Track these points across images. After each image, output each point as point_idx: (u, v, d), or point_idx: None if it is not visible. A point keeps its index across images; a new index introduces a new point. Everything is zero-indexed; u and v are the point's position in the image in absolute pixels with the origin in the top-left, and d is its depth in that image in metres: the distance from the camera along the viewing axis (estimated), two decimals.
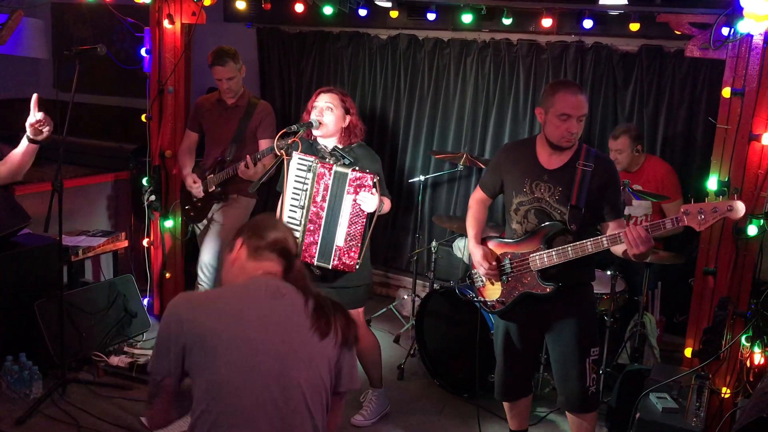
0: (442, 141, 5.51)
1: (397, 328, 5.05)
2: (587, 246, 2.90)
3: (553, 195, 3.01)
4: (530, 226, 3.08)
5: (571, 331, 3.08)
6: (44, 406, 3.74)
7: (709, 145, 3.46)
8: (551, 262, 2.99)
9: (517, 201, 3.10)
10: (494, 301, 3.22)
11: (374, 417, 3.84)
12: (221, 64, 4.21)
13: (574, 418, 3.24)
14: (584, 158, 3.00)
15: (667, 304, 4.46)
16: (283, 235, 2.17)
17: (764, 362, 3.38)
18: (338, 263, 3.33)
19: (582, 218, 2.96)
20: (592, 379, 3.13)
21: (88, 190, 5.34)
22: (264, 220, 2.25)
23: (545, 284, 3.03)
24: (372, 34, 5.63)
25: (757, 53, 3.19)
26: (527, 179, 3.06)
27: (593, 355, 3.13)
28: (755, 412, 2.32)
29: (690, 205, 2.74)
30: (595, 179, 2.97)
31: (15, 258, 4.12)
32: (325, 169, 3.30)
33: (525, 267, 3.07)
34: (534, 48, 5.04)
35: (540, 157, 3.07)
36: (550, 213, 3.02)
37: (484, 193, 3.33)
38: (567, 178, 2.99)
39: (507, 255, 3.15)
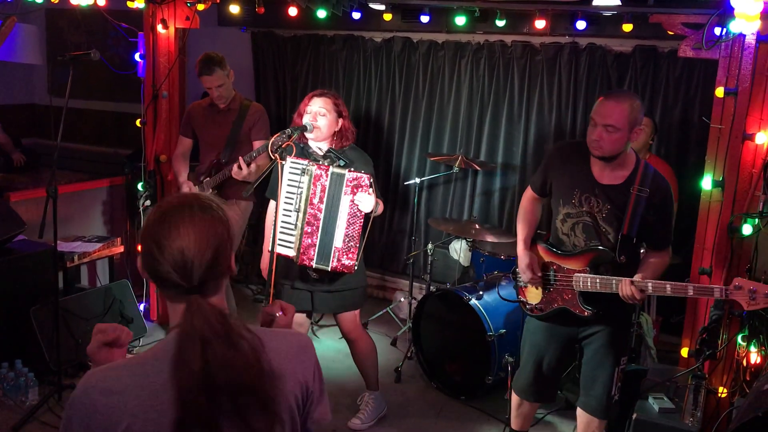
0: (438, 143, 5.51)
1: (393, 331, 5.05)
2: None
3: (600, 212, 2.91)
4: (578, 240, 3.00)
5: (605, 341, 3.04)
6: (40, 413, 3.73)
7: (704, 145, 3.46)
8: (594, 289, 2.91)
9: (565, 212, 3.02)
10: (533, 306, 3.17)
11: (371, 420, 3.83)
12: (208, 73, 4.20)
13: (585, 419, 3.21)
14: (640, 182, 2.86)
15: (663, 304, 4.46)
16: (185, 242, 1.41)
17: (761, 361, 3.38)
18: (337, 264, 3.32)
19: (632, 249, 2.89)
20: (618, 387, 3.11)
21: (83, 195, 5.33)
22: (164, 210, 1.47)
23: (585, 307, 2.96)
24: (366, 37, 5.63)
25: (749, 53, 3.19)
26: (577, 190, 2.96)
27: (622, 364, 3.10)
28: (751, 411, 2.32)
29: (743, 281, 2.63)
30: (650, 207, 2.86)
31: (10, 264, 4.11)
32: (321, 170, 3.30)
33: (568, 283, 3.01)
34: (528, 49, 5.05)
35: (593, 168, 2.95)
36: (598, 231, 2.93)
37: (533, 192, 3.25)
38: (619, 199, 2.88)
39: (553, 265, 3.07)
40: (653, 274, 2.89)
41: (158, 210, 1.48)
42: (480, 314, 3.98)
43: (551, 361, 3.21)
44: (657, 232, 2.95)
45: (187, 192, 1.49)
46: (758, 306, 2.61)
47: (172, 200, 1.50)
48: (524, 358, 3.29)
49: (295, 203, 3.35)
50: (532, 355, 3.23)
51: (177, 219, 1.44)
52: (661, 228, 2.95)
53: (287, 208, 3.38)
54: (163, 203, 1.50)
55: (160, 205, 1.50)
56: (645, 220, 2.88)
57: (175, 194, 1.57)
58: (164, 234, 1.42)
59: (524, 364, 3.29)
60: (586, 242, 2.98)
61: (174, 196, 1.55)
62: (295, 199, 3.35)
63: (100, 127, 6.51)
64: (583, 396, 3.20)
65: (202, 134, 4.41)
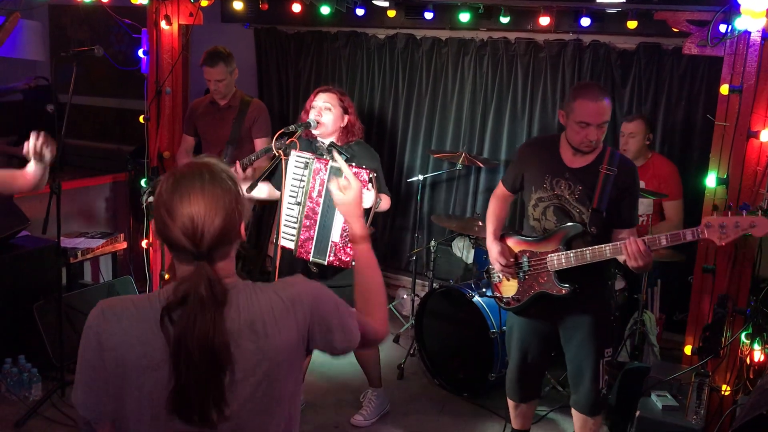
0: (441, 140, 5.51)
1: (396, 328, 5.05)
2: (606, 250, 2.87)
3: (573, 193, 2.99)
4: (549, 224, 3.06)
5: (586, 331, 3.06)
6: (43, 409, 3.74)
7: (708, 142, 3.45)
8: (569, 264, 2.96)
9: (537, 197, 3.09)
10: (509, 298, 3.21)
11: (374, 417, 3.83)
12: (210, 65, 4.20)
13: (580, 418, 3.23)
14: (608, 162, 2.96)
15: (666, 302, 4.45)
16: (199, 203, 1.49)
17: (764, 359, 3.38)
18: (334, 259, 3.31)
19: (603, 222, 2.94)
20: (605, 380, 3.12)
21: (86, 191, 5.34)
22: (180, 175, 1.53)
23: (561, 285, 3.01)
24: (370, 34, 5.62)
25: (755, 50, 3.18)
26: (548, 175, 3.04)
27: (607, 356, 3.11)
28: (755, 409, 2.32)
29: (712, 218, 2.69)
30: (617, 184, 2.95)
31: (14, 260, 4.12)
32: (321, 164, 3.30)
33: (542, 266, 3.05)
34: (532, 46, 5.04)
35: (563, 155, 3.05)
36: (570, 211, 3.00)
37: (505, 189, 3.32)
38: (589, 179, 2.97)
39: (525, 253, 3.13)
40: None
41: (171, 177, 1.53)
42: (483, 311, 3.98)
43: (534, 358, 3.24)
44: (625, 210, 3.01)
45: (200, 160, 1.55)
46: (730, 239, 2.67)
47: (184, 168, 1.55)
48: (511, 355, 3.33)
49: (297, 196, 3.35)
50: (515, 353, 3.28)
51: (188, 187, 1.50)
52: (629, 206, 3.02)
53: (291, 201, 3.38)
54: (176, 170, 1.55)
55: (173, 172, 1.55)
56: (613, 199, 2.95)
57: (188, 162, 1.60)
58: (176, 201, 1.49)
59: (510, 365, 3.34)
60: (556, 225, 3.04)
61: (187, 163, 1.58)
62: (298, 192, 3.35)
63: (103, 124, 6.51)
64: (573, 394, 3.21)
65: (204, 132, 4.42)
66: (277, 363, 1.57)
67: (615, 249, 2.85)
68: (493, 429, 3.85)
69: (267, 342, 1.55)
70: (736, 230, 2.65)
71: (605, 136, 2.98)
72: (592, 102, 2.88)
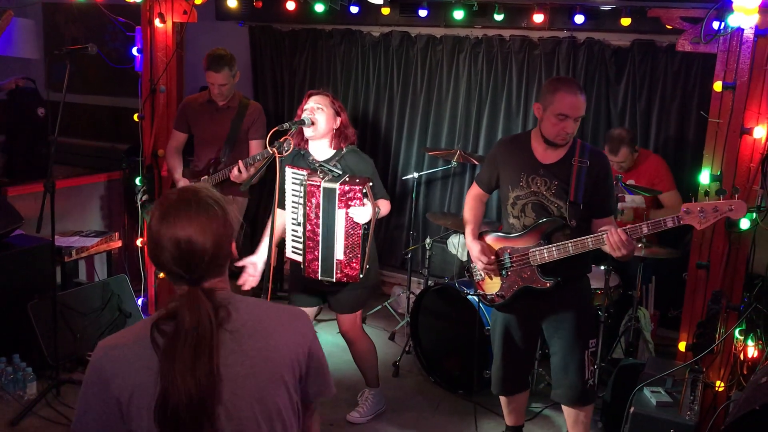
0: (436, 138, 5.51)
1: (392, 325, 5.05)
2: (588, 242, 2.91)
3: (549, 189, 3.02)
4: (528, 221, 3.09)
5: (570, 324, 3.10)
6: (38, 407, 3.73)
7: (702, 139, 3.47)
8: (551, 258, 3.00)
9: (514, 195, 3.12)
10: (493, 295, 3.23)
11: (370, 414, 3.84)
12: (216, 70, 4.16)
13: (571, 412, 3.25)
14: (579, 154, 3.02)
15: (661, 299, 4.47)
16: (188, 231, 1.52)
17: (758, 355, 3.40)
18: (341, 276, 3.35)
19: (581, 214, 2.99)
20: (591, 371, 3.16)
21: (80, 190, 5.33)
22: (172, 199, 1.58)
23: (545, 279, 3.04)
24: (364, 32, 5.62)
25: (747, 47, 3.19)
26: (523, 173, 3.08)
27: (591, 347, 3.15)
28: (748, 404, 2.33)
29: (691, 204, 2.74)
30: (590, 175, 3.00)
31: (8, 259, 4.11)
32: (313, 187, 3.32)
33: (525, 261, 3.08)
34: (526, 44, 5.04)
35: (535, 152, 3.09)
36: (548, 207, 3.04)
37: (480, 188, 3.35)
38: (563, 173, 3.01)
39: (506, 249, 3.16)
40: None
41: (159, 207, 1.57)
42: (478, 308, 3.99)
43: (518, 352, 3.27)
44: (602, 199, 3.05)
45: (186, 186, 1.59)
46: (709, 222, 2.74)
47: (172, 197, 1.58)
48: (495, 355, 3.35)
49: (298, 216, 3.39)
50: (499, 349, 3.30)
51: (176, 215, 1.53)
52: (605, 195, 3.07)
53: (294, 219, 3.43)
54: (164, 200, 1.58)
55: (161, 201, 1.58)
56: (589, 190, 2.99)
57: (174, 190, 1.64)
58: (164, 230, 1.52)
59: (494, 361, 3.36)
60: (535, 221, 3.07)
61: (173, 191, 1.62)
62: (298, 210, 3.38)
63: (97, 122, 6.49)
64: (558, 388, 3.23)
65: (199, 131, 4.38)
66: (274, 370, 1.59)
67: (597, 240, 2.89)
68: (489, 426, 3.86)
69: (268, 343, 1.59)
70: (715, 214, 2.71)
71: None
72: (572, 95, 2.93)
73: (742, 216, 2.75)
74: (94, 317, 4.38)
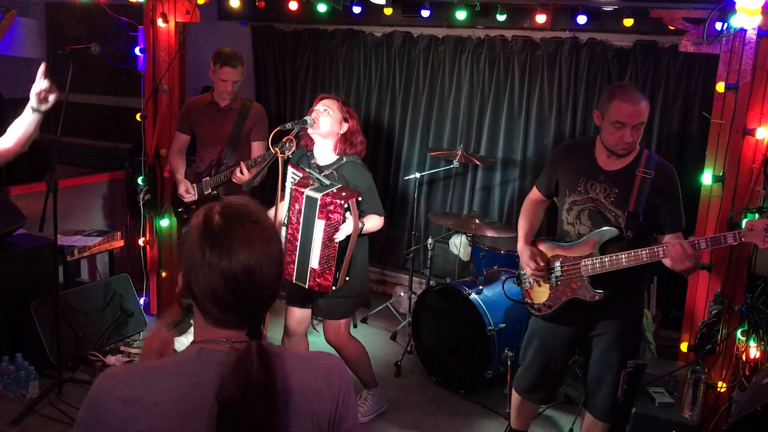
0: (438, 138, 5.51)
1: (393, 325, 5.06)
2: (642, 255, 2.79)
3: (608, 197, 2.92)
4: (583, 228, 2.99)
5: (613, 339, 3.01)
6: (40, 406, 3.74)
7: (704, 140, 3.46)
8: (603, 269, 2.89)
9: (571, 200, 3.02)
10: (541, 304, 3.14)
11: (371, 413, 3.84)
12: (233, 66, 4.13)
13: (591, 421, 3.21)
14: (645, 165, 2.88)
15: (663, 300, 4.48)
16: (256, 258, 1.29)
17: (760, 356, 3.39)
18: (314, 284, 3.36)
19: (639, 226, 2.87)
20: (623, 390, 3.09)
21: (83, 189, 5.34)
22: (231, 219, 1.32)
23: (595, 291, 2.94)
24: (367, 32, 5.63)
25: (750, 48, 3.19)
26: (582, 178, 2.98)
27: (629, 367, 3.07)
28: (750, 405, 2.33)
29: (755, 221, 2.62)
30: (654, 187, 2.87)
31: (10, 258, 4.12)
32: (298, 192, 3.33)
33: (576, 272, 2.98)
34: (529, 44, 5.04)
35: (598, 158, 2.98)
36: (605, 215, 2.93)
37: (539, 193, 3.25)
38: (625, 182, 2.89)
39: (558, 258, 3.06)
40: None
41: (205, 221, 1.32)
42: (480, 309, 3.99)
43: (557, 363, 3.20)
44: (667, 213, 2.90)
45: (236, 201, 1.35)
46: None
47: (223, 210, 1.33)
48: (529, 359, 3.25)
49: (286, 217, 3.41)
50: (538, 357, 3.20)
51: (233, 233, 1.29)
52: (671, 209, 2.90)
53: (283, 220, 3.45)
54: (209, 212, 1.33)
55: (207, 214, 1.33)
56: (652, 203, 2.87)
57: (221, 203, 1.36)
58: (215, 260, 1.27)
59: (529, 365, 3.25)
60: (591, 229, 2.97)
61: (222, 204, 1.36)
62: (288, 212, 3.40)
63: (100, 122, 6.50)
64: (590, 398, 3.17)
65: (201, 132, 4.37)
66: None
67: (652, 253, 2.77)
68: (490, 425, 3.86)
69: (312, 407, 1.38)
70: None
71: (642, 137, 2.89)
72: (627, 103, 2.80)
73: None
74: (96, 316, 4.38)
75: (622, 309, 3.01)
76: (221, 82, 4.20)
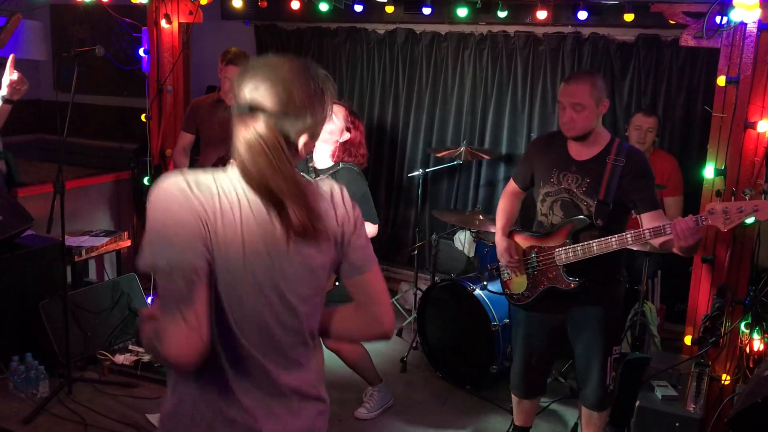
0: (441, 134, 5.53)
1: (399, 322, 5.08)
2: (612, 242, 2.85)
3: (580, 186, 2.97)
4: (556, 219, 3.05)
5: (594, 328, 3.06)
6: (51, 405, 3.78)
7: (707, 134, 3.47)
8: (576, 257, 2.95)
9: (544, 191, 3.08)
10: (519, 294, 3.20)
11: (377, 409, 3.86)
12: (238, 65, 4.15)
13: (586, 413, 3.24)
14: (616, 152, 2.93)
15: (667, 293, 4.48)
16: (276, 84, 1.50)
17: (764, 348, 3.40)
18: None
19: (609, 214, 2.92)
20: (612, 377, 3.12)
21: (89, 190, 5.37)
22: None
23: (569, 279, 3.00)
24: (369, 29, 5.64)
25: (751, 41, 3.20)
26: (555, 170, 3.04)
27: (615, 353, 3.11)
28: (751, 397, 2.35)
29: (716, 204, 2.66)
30: (626, 174, 2.90)
31: (19, 259, 4.16)
32: None
33: (551, 261, 3.05)
34: (531, 39, 5.05)
35: (570, 149, 3.03)
36: (577, 205, 2.98)
37: (516, 185, 3.32)
38: (596, 170, 2.94)
39: (534, 248, 3.13)
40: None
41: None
42: (484, 304, 4.01)
43: (540, 353, 3.25)
44: (645, 194, 2.93)
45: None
46: (734, 224, 2.63)
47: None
48: (515, 351, 3.34)
49: None
50: (521, 349, 3.28)
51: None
52: (646, 190, 2.93)
53: None
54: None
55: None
56: (624, 189, 2.91)
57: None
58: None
59: (515, 359, 3.34)
60: (563, 218, 3.04)
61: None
62: None
63: (105, 123, 6.55)
64: (581, 390, 3.23)
65: (206, 131, 4.40)
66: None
67: (621, 240, 2.83)
68: (495, 421, 3.88)
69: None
70: (740, 215, 2.61)
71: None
72: (566, 83, 2.94)
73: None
74: (104, 316, 4.42)
75: (599, 297, 3.05)
76: (227, 80, 4.24)
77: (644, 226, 2.89)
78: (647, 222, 2.90)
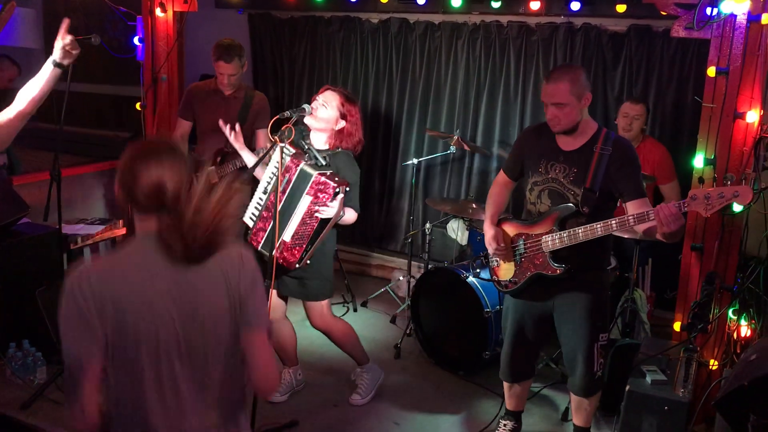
0: (435, 124, 5.56)
1: (393, 309, 5.13)
2: (597, 228, 2.91)
3: (567, 176, 3.03)
4: (543, 207, 3.12)
5: (580, 315, 3.11)
6: (48, 391, 3.81)
7: (697, 123, 3.52)
8: (562, 244, 3.01)
9: (533, 180, 3.15)
10: (507, 281, 3.26)
11: (370, 392, 3.90)
12: (227, 60, 4.16)
13: (575, 399, 3.31)
14: (603, 142, 2.99)
15: (657, 280, 4.54)
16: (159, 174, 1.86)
17: (750, 334, 3.47)
18: (279, 256, 3.34)
19: (595, 201, 2.97)
20: (600, 363, 3.17)
21: (84, 178, 5.38)
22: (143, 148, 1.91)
23: (556, 266, 3.05)
24: (363, 19, 5.65)
25: (740, 33, 3.24)
26: (543, 160, 3.10)
27: (602, 340, 3.15)
28: (737, 380, 2.41)
29: (697, 190, 2.73)
30: (613, 163, 2.96)
31: (15, 247, 4.17)
32: (293, 164, 3.35)
33: (537, 248, 3.11)
34: (524, 30, 5.08)
35: (558, 140, 3.09)
36: (564, 194, 3.04)
37: (506, 176, 3.38)
38: (583, 160, 3.01)
39: (521, 236, 3.19)
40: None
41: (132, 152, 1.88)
42: (477, 291, 4.07)
43: (527, 339, 3.30)
44: (631, 182, 2.98)
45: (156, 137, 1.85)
46: (715, 209, 2.69)
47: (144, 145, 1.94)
48: (504, 341, 3.40)
49: (269, 185, 3.43)
50: (509, 335, 3.34)
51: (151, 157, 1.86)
52: (632, 176, 2.98)
53: (266, 185, 3.47)
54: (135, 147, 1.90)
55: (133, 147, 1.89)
56: (611, 177, 2.97)
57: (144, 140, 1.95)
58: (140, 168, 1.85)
59: (504, 345, 3.40)
60: (550, 207, 3.10)
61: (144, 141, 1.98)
62: (272, 181, 3.42)
63: (99, 111, 6.54)
64: (570, 376, 3.28)
65: (204, 119, 4.37)
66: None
67: (607, 226, 2.89)
68: (488, 405, 3.94)
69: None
70: (721, 200, 2.68)
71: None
72: (546, 84, 3.00)
73: (748, 202, 2.69)
74: None
75: (585, 285, 3.11)
76: (219, 75, 4.24)
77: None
78: (632, 209, 2.95)
